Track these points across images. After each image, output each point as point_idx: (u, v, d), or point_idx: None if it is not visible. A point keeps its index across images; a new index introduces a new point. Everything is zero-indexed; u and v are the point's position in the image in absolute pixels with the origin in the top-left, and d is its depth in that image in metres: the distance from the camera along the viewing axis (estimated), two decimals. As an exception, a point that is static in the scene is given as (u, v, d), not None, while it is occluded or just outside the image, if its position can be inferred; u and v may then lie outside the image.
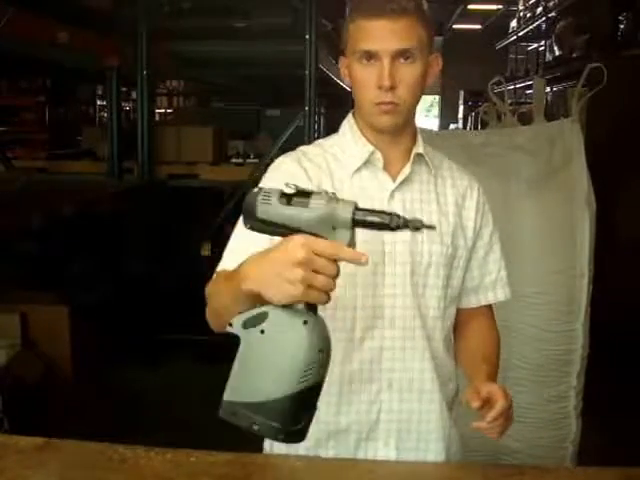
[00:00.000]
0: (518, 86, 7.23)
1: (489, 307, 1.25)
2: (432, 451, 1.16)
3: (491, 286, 1.22)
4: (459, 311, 1.23)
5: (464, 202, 1.19)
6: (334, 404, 1.14)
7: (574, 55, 5.04)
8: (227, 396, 0.82)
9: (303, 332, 0.79)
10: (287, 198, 0.80)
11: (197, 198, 3.71)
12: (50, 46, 2.85)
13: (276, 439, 0.82)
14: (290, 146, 1.27)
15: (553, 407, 2.24)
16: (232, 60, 4.13)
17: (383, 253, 1.12)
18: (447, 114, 12.67)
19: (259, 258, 0.84)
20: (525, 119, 2.49)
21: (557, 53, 5.71)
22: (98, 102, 6.30)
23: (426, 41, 1.09)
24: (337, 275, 0.80)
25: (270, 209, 0.81)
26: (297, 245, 0.79)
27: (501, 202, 2.18)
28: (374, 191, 1.14)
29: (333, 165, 1.15)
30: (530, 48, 8.04)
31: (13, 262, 3.08)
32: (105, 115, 4.53)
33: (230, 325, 0.82)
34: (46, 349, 2.89)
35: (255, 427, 0.80)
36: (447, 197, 1.17)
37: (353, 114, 1.18)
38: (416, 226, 0.81)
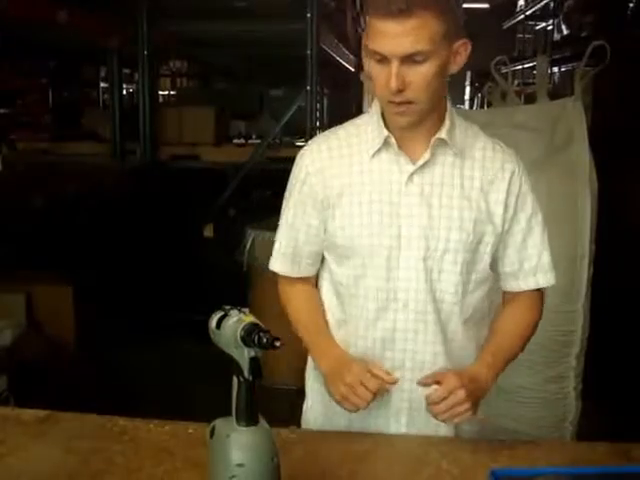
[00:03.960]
0: (526, 66, 7.11)
1: (535, 291, 1.21)
2: (442, 428, 1.17)
3: (531, 272, 1.18)
4: (504, 293, 1.22)
5: (492, 186, 1.14)
6: None
7: (582, 34, 4.96)
8: None
9: (226, 444, 0.85)
10: (217, 322, 0.89)
11: (199, 179, 3.71)
12: (50, 26, 2.84)
13: None
14: (292, 126, 1.28)
15: (553, 387, 2.24)
16: (234, 40, 4.10)
17: (399, 237, 1.12)
18: (453, 95, 12.54)
19: (335, 364, 1.16)
20: (533, 100, 2.46)
21: (565, 32, 5.63)
22: (101, 84, 6.27)
23: (445, 33, 1.01)
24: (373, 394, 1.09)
25: (214, 335, 0.90)
26: (352, 370, 1.11)
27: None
28: (393, 174, 1.13)
29: (355, 148, 1.16)
30: (538, 27, 7.90)
31: (17, 243, 3.10)
32: (108, 97, 4.51)
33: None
34: (50, 329, 2.93)
35: None
36: (473, 181, 1.13)
37: None
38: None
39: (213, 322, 0.89)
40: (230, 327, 0.86)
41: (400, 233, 1.11)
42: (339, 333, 1.20)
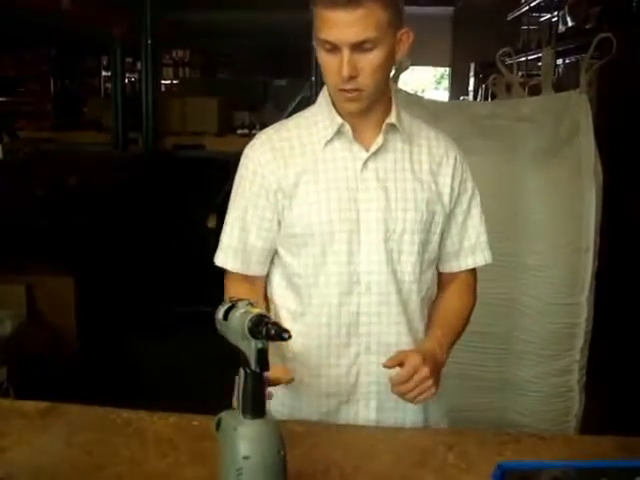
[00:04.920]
0: (530, 58, 7.06)
1: (470, 272, 1.27)
2: (410, 410, 1.19)
3: (470, 251, 1.25)
4: (441, 275, 1.27)
5: (439, 169, 1.20)
6: (315, 367, 1.18)
7: (587, 26, 4.92)
8: None
9: (233, 436, 0.85)
10: (224, 313, 0.89)
11: (202, 169, 3.69)
12: (52, 14, 2.82)
13: None
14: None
15: (557, 381, 2.24)
16: (237, 30, 4.08)
17: (358, 221, 1.15)
18: (457, 87, 12.46)
19: None
20: (537, 91, 2.44)
21: (570, 24, 5.58)
22: (103, 73, 6.25)
23: (390, 22, 1.07)
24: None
25: (221, 327, 0.90)
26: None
27: (506, 174, 2.15)
28: (347, 162, 1.16)
29: (306, 139, 1.18)
30: (543, 19, 7.84)
31: (18, 232, 3.09)
32: (110, 86, 4.50)
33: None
34: (52, 320, 2.93)
35: None
36: (422, 165, 1.19)
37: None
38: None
39: (220, 313, 0.89)
40: (237, 319, 0.86)
41: (359, 217, 1.15)
42: (295, 326, 1.18)
